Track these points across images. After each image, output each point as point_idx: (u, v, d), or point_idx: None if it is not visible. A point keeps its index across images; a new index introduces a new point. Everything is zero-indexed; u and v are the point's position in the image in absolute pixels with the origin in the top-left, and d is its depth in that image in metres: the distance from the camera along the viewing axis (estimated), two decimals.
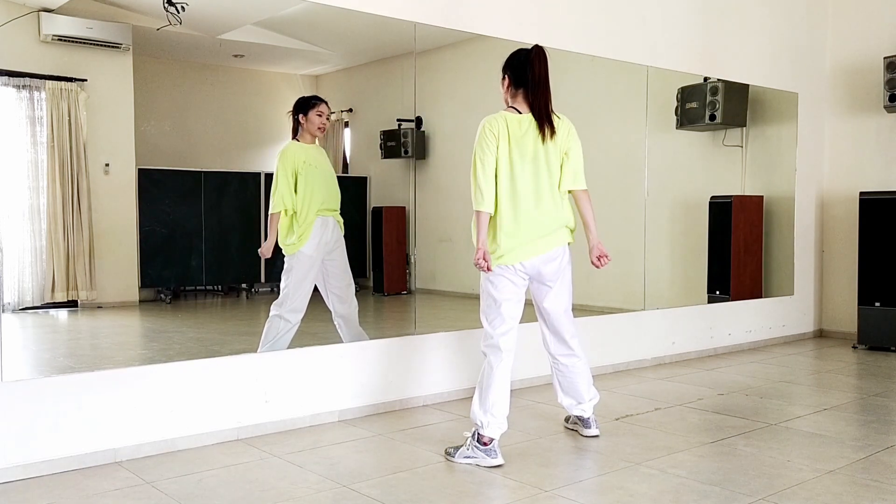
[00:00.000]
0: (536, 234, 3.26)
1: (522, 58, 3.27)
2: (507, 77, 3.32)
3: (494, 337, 3.26)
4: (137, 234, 4.43)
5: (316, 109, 4.14)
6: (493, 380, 3.24)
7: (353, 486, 2.94)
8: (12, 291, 4.04)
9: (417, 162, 5.23)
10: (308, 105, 4.16)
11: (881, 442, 3.53)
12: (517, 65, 3.28)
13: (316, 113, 4.14)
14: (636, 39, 5.29)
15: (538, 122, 3.25)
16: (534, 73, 3.23)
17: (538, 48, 3.25)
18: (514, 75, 3.29)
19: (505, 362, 3.26)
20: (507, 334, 3.27)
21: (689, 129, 6.09)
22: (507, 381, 3.27)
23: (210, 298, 5.14)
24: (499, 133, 3.21)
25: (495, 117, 3.26)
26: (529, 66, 3.23)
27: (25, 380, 3.11)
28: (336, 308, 4.22)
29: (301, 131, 4.18)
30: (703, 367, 5.33)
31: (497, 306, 3.27)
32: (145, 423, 3.33)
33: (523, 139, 3.23)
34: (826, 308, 6.74)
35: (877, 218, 5.88)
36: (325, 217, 4.15)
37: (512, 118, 3.25)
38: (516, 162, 3.22)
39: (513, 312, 3.29)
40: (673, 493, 2.87)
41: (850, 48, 6.49)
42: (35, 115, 4.06)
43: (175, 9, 4.01)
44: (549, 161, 3.27)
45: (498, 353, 3.26)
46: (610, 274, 5.90)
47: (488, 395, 3.22)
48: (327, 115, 4.20)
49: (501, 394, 3.24)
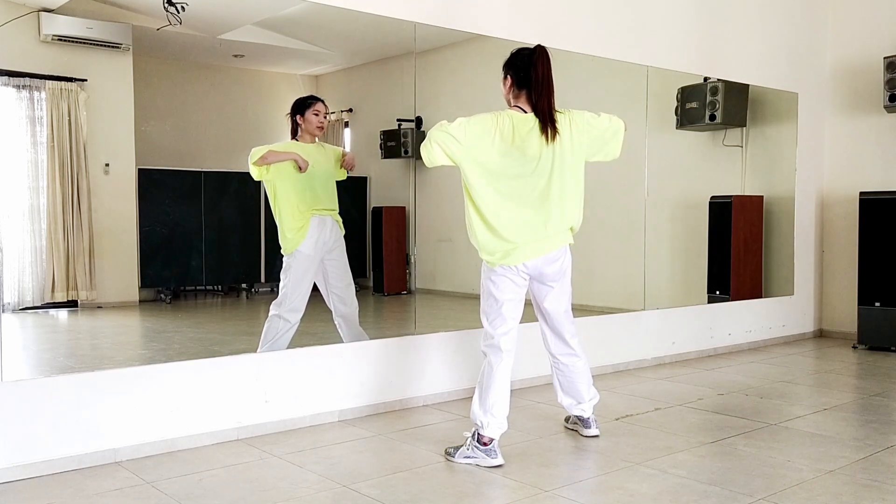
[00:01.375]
0: (539, 235, 3.22)
1: (525, 59, 3.21)
2: (510, 77, 3.26)
3: (495, 337, 3.26)
4: (137, 234, 4.43)
5: (312, 109, 4.14)
6: (493, 380, 3.23)
7: (353, 486, 2.94)
8: (12, 291, 4.04)
9: (417, 162, 5.23)
10: (304, 105, 4.16)
11: (881, 442, 3.53)
12: (520, 65, 3.22)
13: (312, 112, 4.13)
14: (636, 39, 5.29)
15: (542, 123, 3.19)
16: (537, 75, 3.17)
17: (541, 48, 3.20)
18: (517, 76, 3.23)
19: (505, 362, 3.26)
20: (507, 334, 3.26)
21: (689, 129, 6.09)
22: (507, 381, 3.27)
23: (210, 298, 5.14)
24: (504, 130, 3.15)
25: (504, 114, 3.20)
26: (533, 67, 3.18)
27: (25, 380, 3.11)
28: (337, 308, 4.22)
29: (300, 132, 4.17)
30: (703, 367, 5.33)
31: (498, 306, 3.26)
32: (145, 423, 3.33)
33: (528, 139, 3.18)
34: (826, 308, 6.74)
35: (877, 218, 5.88)
36: (322, 216, 4.14)
37: (518, 118, 3.20)
38: (519, 162, 3.17)
39: (513, 313, 3.29)
40: (673, 493, 2.87)
41: (850, 48, 6.49)
42: (35, 115, 4.06)
43: (175, 9, 4.01)
44: (554, 162, 3.21)
45: (498, 353, 3.25)
46: (610, 274, 5.90)
47: (488, 396, 3.22)
48: (325, 114, 4.19)
49: (502, 394, 3.24)
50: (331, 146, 4.38)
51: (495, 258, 3.23)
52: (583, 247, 3.46)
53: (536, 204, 3.22)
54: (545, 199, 3.23)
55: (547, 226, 3.24)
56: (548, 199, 3.23)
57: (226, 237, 4.99)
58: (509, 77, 3.27)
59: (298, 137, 4.18)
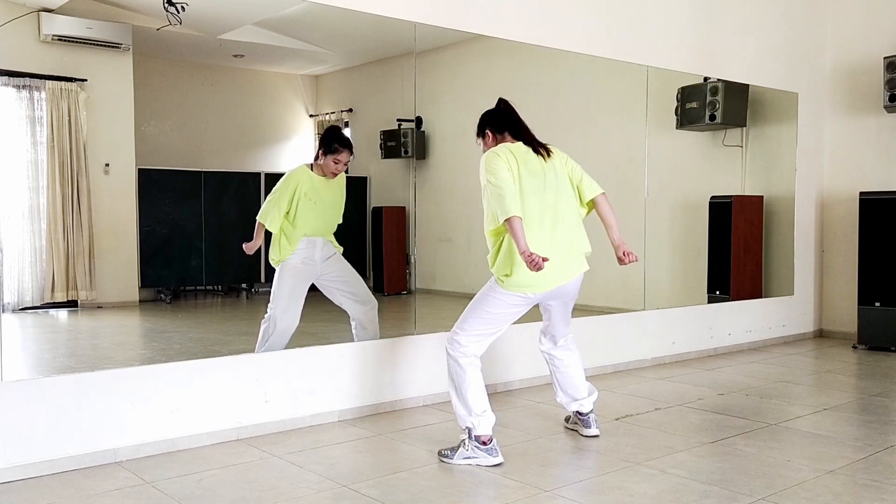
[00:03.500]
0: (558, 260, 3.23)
1: (495, 114, 3.40)
2: (489, 131, 3.38)
3: (471, 346, 3.29)
4: (137, 234, 4.43)
5: (335, 156, 4.04)
6: (468, 382, 3.27)
7: (353, 486, 2.94)
8: (12, 291, 4.04)
9: (417, 162, 5.24)
10: (331, 148, 4.05)
11: (881, 442, 3.53)
12: (493, 119, 3.39)
13: (334, 160, 4.04)
14: (636, 39, 5.29)
15: (532, 148, 3.30)
16: (511, 118, 3.36)
17: (503, 101, 3.40)
18: (495, 126, 3.37)
19: (476, 364, 3.30)
20: (483, 344, 3.32)
21: (689, 129, 6.09)
22: (480, 378, 3.30)
23: (210, 298, 5.15)
24: (507, 158, 3.22)
25: (497, 149, 3.27)
26: (506, 114, 3.37)
27: (25, 380, 3.11)
28: (356, 310, 4.16)
29: (315, 164, 4.10)
30: (703, 367, 5.33)
31: (488, 323, 3.29)
32: (145, 423, 3.33)
33: (527, 159, 3.25)
34: (826, 308, 6.74)
35: (877, 218, 5.88)
36: (311, 238, 4.06)
37: (511, 146, 3.29)
38: (527, 181, 3.21)
39: (499, 330, 3.34)
40: (673, 493, 2.87)
41: (850, 48, 6.49)
42: (35, 115, 4.06)
43: (175, 9, 4.02)
44: (557, 178, 3.29)
45: (472, 358, 3.29)
46: (610, 274, 5.90)
47: (467, 398, 3.25)
48: (345, 164, 4.12)
49: (479, 392, 3.28)
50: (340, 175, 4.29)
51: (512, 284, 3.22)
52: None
53: (550, 224, 3.24)
54: (556, 218, 3.25)
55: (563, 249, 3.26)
56: (560, 218, 3.27)
57: (226, 237, 4.99)
58: (488, 132, 3.39)
59: (314, 167, 4.10)
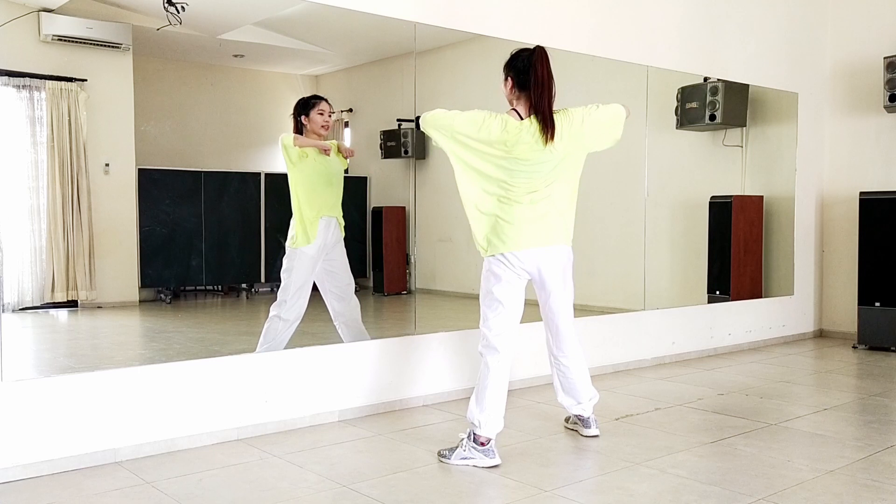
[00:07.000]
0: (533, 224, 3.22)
1: (525, 60, 3.22)
2: (510, 79, 3.27)
3: (492, 338, 3.26)
4: (137, 234, 4.43)
5: (317, 108, 4.11)
6: (489, 380, 3.24)
7: (353, 486, 2.94)
8: (12, 291, 4.04)
9: (417, 162, 5.23)
10: (308, 105, 4.12)
11: (881, 442, 3.53)
12: (520, 67, 3.23)
13: (317, 112, 4.10)
14: (636, 39, 5.29)
15: (541, 125, 3.19)
16: (537, 76, 3.18)
17: (540, 49, 3.21)
18: (518, 78, 3.24)
19: (502, 363, 3.26)
20: (502, 334, 3.26)
21: (689, 129, 6.09)
22: (504, 381, 3.27)
23: (210, 298, 5.14)
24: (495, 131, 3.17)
25: (500, 117, 3.21)
26: (532, 68, 3.19)
27: (25, 380, 3.11)
28: (335, 307, 4.20)
29: (305, 132, 4.14)
30: (703, 367, 5.33)
31: (496, 306, 3.26)
32: (145, 423, 3.33)
33: (518, 145, 3.18)
34: (826, 308, 6.74)
35: (877, 218, 5.88)
36: (328, 218, 4.14)
37: (512, 124, 3.20)
38: (509, 167, 3.19)
39: (512, 313, 3.28)
40: (673, 493, 2.87)
41: (850, 48, 6.49)
42: (35, 115, 4.06)
43: (175, 9, 4.01)
44: (556, 164, 3.24)
45: (495, 353, 3.26)
46: (610, 274, 5.90)
47: (485, 396, 3.23)
48: (329, 113, 4.17)
49: (498, 394, 3.24)
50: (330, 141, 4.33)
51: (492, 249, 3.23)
52: (583, 247, 3.46)
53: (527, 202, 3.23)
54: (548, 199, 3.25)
55: (539, 218, 3.24)
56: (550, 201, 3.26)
57: (226, 237, 4.99)
58: (510, 79, 3.28)
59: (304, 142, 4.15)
